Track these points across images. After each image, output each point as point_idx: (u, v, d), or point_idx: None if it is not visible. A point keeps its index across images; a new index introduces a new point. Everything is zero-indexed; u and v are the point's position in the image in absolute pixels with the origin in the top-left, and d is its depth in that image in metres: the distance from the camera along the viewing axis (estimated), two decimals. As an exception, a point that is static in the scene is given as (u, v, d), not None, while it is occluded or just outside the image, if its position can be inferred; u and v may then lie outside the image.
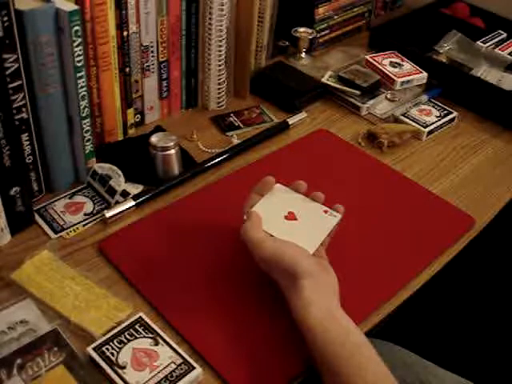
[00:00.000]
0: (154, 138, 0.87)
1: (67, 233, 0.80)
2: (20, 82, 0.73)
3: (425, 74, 1.10)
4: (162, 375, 0.62)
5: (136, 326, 0.66)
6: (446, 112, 1.07)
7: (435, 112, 1.07)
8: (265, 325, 0.69)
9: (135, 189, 0.85)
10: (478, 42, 1.19)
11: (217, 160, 0.93)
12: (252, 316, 0.70)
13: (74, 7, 0.74)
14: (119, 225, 0.81)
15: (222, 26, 0.97)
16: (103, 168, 0.86)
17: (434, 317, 1.31)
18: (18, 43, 0.70)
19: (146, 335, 0.65)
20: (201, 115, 1.05)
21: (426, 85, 1.11)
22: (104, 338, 0.64)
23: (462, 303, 1.30)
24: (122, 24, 0.87)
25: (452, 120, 1.07)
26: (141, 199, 0.84)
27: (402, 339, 0.88)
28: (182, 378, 0.61)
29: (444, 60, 1.18)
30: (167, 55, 0.97)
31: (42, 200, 0.84)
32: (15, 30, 0.69)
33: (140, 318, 0.67)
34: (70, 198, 0.85)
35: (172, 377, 0.61)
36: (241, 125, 1.03)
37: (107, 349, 0.63)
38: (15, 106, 0.73)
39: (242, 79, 1.08)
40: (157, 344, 0.64)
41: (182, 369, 0.62)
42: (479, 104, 1.09)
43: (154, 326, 0.66)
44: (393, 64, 1.12)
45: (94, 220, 0.82)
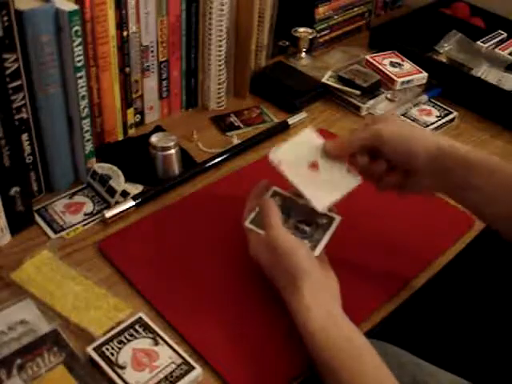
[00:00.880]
0: (153, 138, 0.87)
1: (67, 233, 0.80)
2: (20, 82, 0.73)
3: (425, 74, 1.10)
4: (161, 375, 0.61)
5: (136, 326, 0.66)
6: (446, 112, 1.07)
7: (435, 112, 1.07)
8: (265, 325, 0.69)
9: (135, 189, 0.85)
10: (478, 42, 1.19)
11: (217, 160, 0.93)
12: (252, 316, 0.70)
13: (74, 7, 0.74)
14: (119, 225, 0.81)
15: (222, 26, 0.97)
16: (103, 168, 0.86)
17: (433, 317, 1.31)
18: (18, 43, 0.70)
19: (145, 335, 0.65)
20: (201, 115, 1.05)
21: (425, 85, 1.10)
22: (104, 338, 0.64)
23: (461, 303, 1.30)
24: (122, 24, 0.87)
25: (452, 120, 1.07)
26: (141, 199, 0.84)
27: (400, 339, 0.88)
28: (181, 378, 0.61)
29: (444, 60, 1.18)
30: (167, 55, 0.97)
31: (41, 200, 0.84)
32: (15, 30, 0.69)
33: (140, 318, 0.67)
34: (69, 198, 0.85)
35: (172, 377, 0.61)
36: (241, 125, 1.03)
37: (107, 349, 0.63)
38: (15, 105, 0.73)
39: (241, 79, 1.08)
40: (157, 344, 0.64)
41: (181, 369, 0.62)
42: (479, 104, 1.09)
43: (153, 326, 0.66)
44: (393, 64, 1.12)
45: (94, 220, 0.82)
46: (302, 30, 1.19)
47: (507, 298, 1.25)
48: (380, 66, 1.11)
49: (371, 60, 1.13)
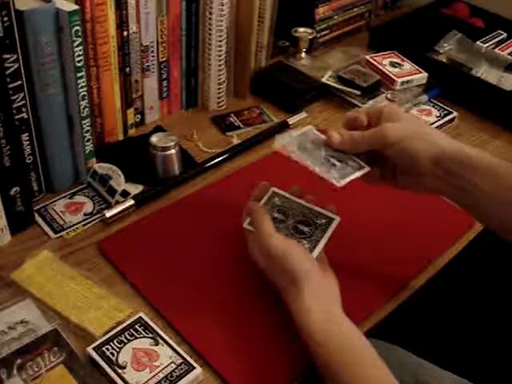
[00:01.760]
0: (154, 138, 0.87)
1: (67, 233, 0.80)
2: (20, 82, 0.73)
3: (425, 74, 1.10)
4: (162, 375, 0.62)
5: (136, 326, 0.66)
6: (445, 112, 1.07)
7: (435, 112, 1.07)
8: (265, 325, 0.69)
9: (135, 189, 0.85)
10: (478, 42, 1.19)
11: (217, 160, 0.93)
12: (252, 316, 0.70)
13: (74, 7, 0.74)
14: (119, 225, 0.81)
15: (222, 26, 0.97)
16: (103, 168, 0.86)
17: (433, 317, 1.31)
18: (18, 43, 0.70)
19: (146, 335, 0.65)
20: (201, 115, 1.05)
21: (425, 85, 1.10)
22: (104, 338, 0.64)
23: (461, 303, 1.30)
24: (122, 24, 0.87)
25: (452, 120, 1.07)
26: (141, 199, 0.84)
27: (400, 339, 0.88)
28: (181, 378, 0.61)
29: (444, 60, 1.18)
30: (167, 55, 0.97)
31: (41, 200, 0.84)
32: (15, 30, 0.69)
33: (140, 318, 0.67)
34: (70, 198, 0.85)
35: (172, 377, 0.61)
36: (241, 125, 1.03)
37: (107, 349, 0.63)
38: (15, 105, 0.73)
39: (241, 79, 1.08)
40: (157, 344, 0.64)
41: (181, 369, 0.62)
42: (479, 104, 1.09)
43: (154, 325, 0.66)
44: (393, 64, 1.12)
45: (94, 220, 0.82)
46: (301, 30, 1.19)
47: (507, 297, 1.25)
48: (380, 66, 1.11)
49: (371, 60, 1.13)
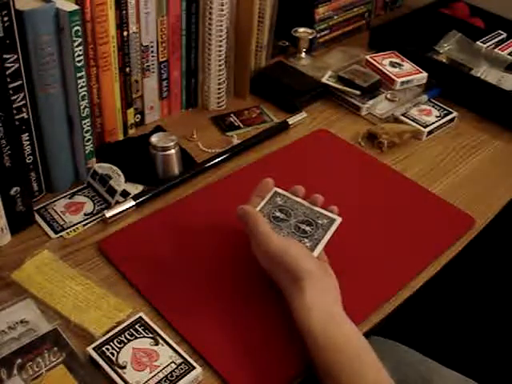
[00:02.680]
0: (154, 138, 0.87)
1: (67, 233, 0.80)
2: (20, 82, 0.73)
3: (425, 74, 1.10)
4: (162, 375, 0.62)
5: (136, 326, 0.66)
6: (445, 112, 1.07)
7: (435, 112, 1.07)
8: (265, 325, 0.69)
9: (135, 189, 0.85)
10: (478, 42, 1.19)
11: (217, 160, 0.93)
12: (252, 316, 0.70)
13: (74, 7, 0.74)
14: (119, 225, 0.81)
15: (222, 26, 0.97)
16: (103, 168, 0.86)
17: (435, 316, 1.31)
18: (18, 43, 0.70)
19: (146, 335, 0.65)
20: (201, 115, 1.05)
21: (425, 85, 1.10)
22: (104, 338, 0.64)
23: (462, 303, 1.30)
24: (122, 24, 0.87)
25: (452, 120, 1.07)
26: (141, 199, 0.84)
27: (404, 338, 0.88)
28: (181, 378, 0.61)
29: (444, 60, 1.18)
30: (167, 55, 0.97)
31: (42, 200, 0.84)
32: (15, 30, 0.69)
33: (140, 317, 0.67)
34: (70, 198, 0.85)
35: (172, 377, 0.61)
36: (241, 125, 1.03)
37: (107, 349, 0.63)
38: (15, 105, 0.73)
39: (241, 79, 1.08)
40: (157, 344, 0.64)
41: (181, 369, 0.62)
42: (479, 104, 1.09)
43: (154, 325, 0.66)
44: (393, 64, 1.12)
45: (94, 220, 0.82)
46: (301, 30, 1.19)
47: (507, 297, 1.25)
48: (380, 66, 1.11)
49: (371, 60, 1.13)
